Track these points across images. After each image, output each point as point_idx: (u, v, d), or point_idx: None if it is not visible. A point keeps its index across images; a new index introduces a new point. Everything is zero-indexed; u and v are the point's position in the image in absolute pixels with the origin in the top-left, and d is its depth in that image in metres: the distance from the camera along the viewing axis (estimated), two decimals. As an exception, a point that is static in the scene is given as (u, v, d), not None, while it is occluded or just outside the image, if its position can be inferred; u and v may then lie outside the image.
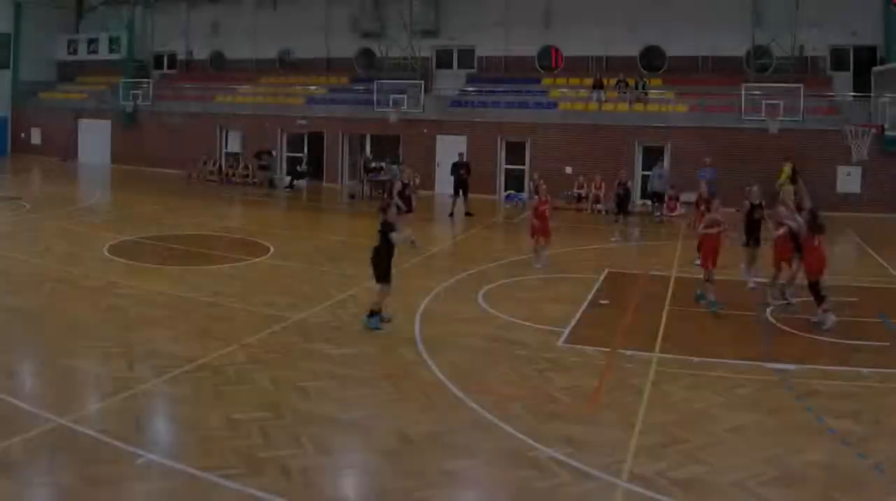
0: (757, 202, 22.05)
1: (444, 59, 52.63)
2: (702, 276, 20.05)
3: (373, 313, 17.44)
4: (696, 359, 15.79)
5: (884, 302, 21.12)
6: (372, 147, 48.10)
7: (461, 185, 36.70)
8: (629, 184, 30.55)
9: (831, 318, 17.84)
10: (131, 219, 32.43)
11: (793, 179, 36.52)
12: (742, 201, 22.51)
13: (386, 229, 17.37)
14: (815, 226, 18.24)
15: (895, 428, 12.55)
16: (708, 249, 19.78)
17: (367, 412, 12.82)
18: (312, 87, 52.58)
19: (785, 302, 20.04)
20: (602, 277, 23.59)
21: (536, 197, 25.26)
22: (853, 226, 34.62)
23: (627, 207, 30.54)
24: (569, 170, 41.89)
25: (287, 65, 56.59)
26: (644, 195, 40.47)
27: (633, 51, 48.03)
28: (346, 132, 48.55)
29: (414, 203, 27.50)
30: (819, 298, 18.00)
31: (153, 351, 15.45)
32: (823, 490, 10.41)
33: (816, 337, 17.59)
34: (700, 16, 45.69)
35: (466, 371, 15.00)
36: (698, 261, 21.94)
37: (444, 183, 41.87)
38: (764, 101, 39.24)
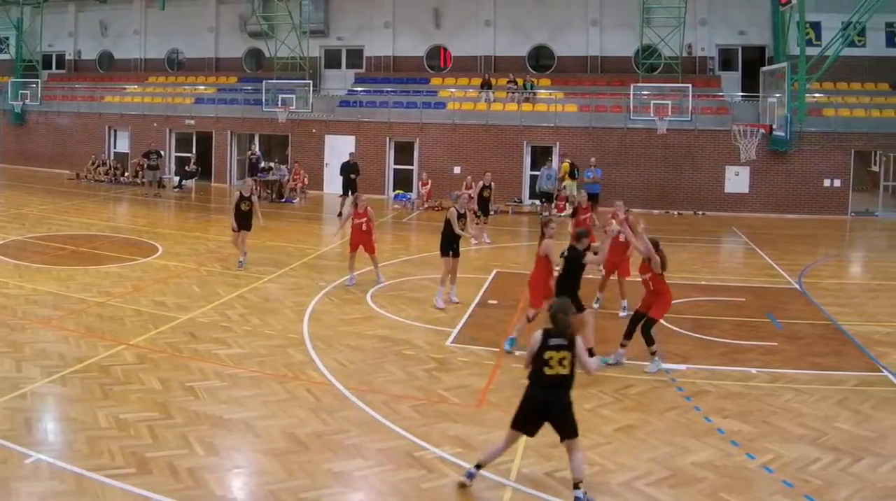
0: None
1: (332, 59, 52.77)
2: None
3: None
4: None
5: (771, 302, 21.71)
6: (261, 147, 47.90)
7: (350, 185, 36.80)
8: (477, 186, 30.81)
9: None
10: (20, 219, 31.96)
11: (572, 176, 37.54)
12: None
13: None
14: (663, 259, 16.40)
15: (783, 428, 12.83)
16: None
17: (256, 412, 12.89)
18: (201, 87, 52.19)
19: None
20: (491, 277, 23.90)
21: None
22: (741, 226, 35.53)
23: (489, 208, 30.87)
24: (457, 170, 42.15)
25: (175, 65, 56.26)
26: (532, 195, 40.92)
27: (522, 51, 48.66)
28: (234, 132, 48.32)
29: (256, 219, 24.88)
30: (651, 340, 16.05)
31: (42, 351, 15.45)
32: (712, 490, 10.69)
33: (706, 337, 18.02)
34: (589, 16, 46.48)
35: (355, 371, 15.19)
36: None
37: (332, 183, 42.00)
38: (652, 101, 39.94)
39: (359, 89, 48.66)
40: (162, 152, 47.05)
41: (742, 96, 44.23)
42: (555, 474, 11.06)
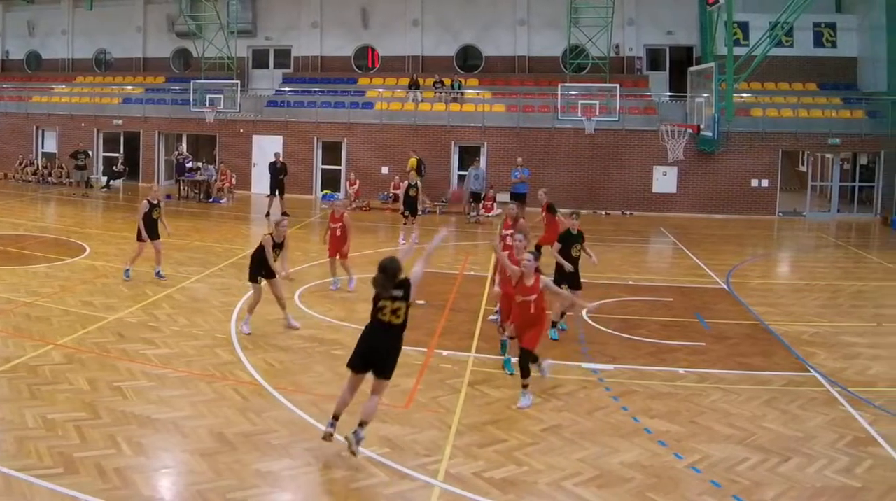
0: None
1: (260, 59, 52.58)
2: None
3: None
4: (514, 359, 15.80)
5: (699, 302, 21.98)
6: (189, 147, 47.61)
7: (277, 185, 36.80)
8: (403, 186, 31.14)
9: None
10: (-55, 220, 31.57)
11: (419, 171, 37.81)
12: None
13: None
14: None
15: (711, 428, 12.96)
16: None
17: (184, 412, 12.86)
18: (129, 87, 51.72)
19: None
20: (419, 277, 23.93)
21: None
22: (668, 226, 35.95)
23: (416, 207, 30.66)
24: (385, 170, 42.33)
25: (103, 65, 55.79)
26: (460, 195, 40.92)
27: (450, 51, 48.88)
28: (162, 132, 48.06)
29: (167, 229, 23.72)
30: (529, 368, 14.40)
31: (-32, 351, 15.31)
32: (640, 490, 10.78)
33: (633, 337, 18.20)
34: (517, 16, 46.78)
35: (282, 371, 15.23)
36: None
37: (260, 182, 41.98)
38: (580, 101, 40.15)
39: (286, 89, 48.65)
40: (90, 152, 46.76)
41: (670, 96, 44.76)
42: (483, 474, 11.12)
